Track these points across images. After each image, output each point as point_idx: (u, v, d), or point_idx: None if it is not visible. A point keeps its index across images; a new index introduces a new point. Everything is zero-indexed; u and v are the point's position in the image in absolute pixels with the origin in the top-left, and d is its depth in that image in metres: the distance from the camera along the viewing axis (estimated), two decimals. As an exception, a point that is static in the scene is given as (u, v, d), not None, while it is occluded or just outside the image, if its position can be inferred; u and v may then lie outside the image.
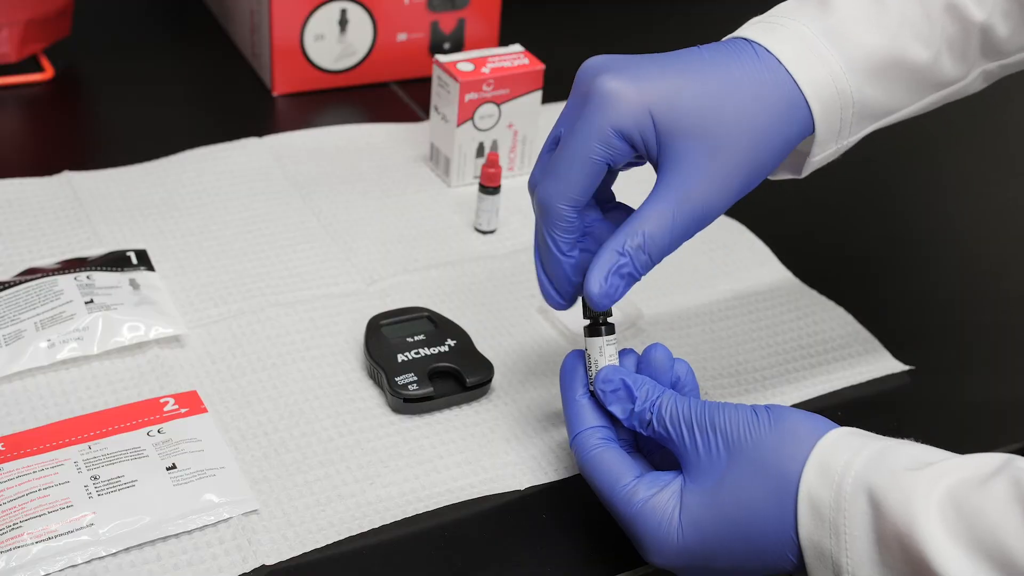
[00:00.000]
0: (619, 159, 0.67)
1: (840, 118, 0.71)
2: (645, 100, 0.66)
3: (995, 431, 0.82)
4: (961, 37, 0.73)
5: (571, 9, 1.32)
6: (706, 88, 0.67)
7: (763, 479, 0.62)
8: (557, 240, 0.68)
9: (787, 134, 0.69)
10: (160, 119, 1.06)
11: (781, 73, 0.68)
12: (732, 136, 0.67)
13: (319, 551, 0.68)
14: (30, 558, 0.64)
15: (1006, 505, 0.55)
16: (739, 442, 0.63)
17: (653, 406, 0.66)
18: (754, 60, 0.68)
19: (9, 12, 1.05)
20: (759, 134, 0.67)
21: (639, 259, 0.67)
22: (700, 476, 0.64)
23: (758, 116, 0.67)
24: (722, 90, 0.67)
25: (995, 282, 0.97)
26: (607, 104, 0.66)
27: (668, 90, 0.66)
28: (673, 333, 0.86)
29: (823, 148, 0.71)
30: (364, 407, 0.78)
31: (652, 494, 0.65)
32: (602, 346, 0.69)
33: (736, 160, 0.67)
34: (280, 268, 0.89)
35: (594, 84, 0.66)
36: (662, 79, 0.66)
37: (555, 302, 0.70)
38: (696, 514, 0.64)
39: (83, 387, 0.77)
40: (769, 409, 0.64)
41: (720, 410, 0.65)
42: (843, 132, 0.72)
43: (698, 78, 0.67)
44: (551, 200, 0.67)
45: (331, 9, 1.08)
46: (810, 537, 0.61)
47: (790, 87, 0.68)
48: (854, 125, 0.72)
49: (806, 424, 0.64)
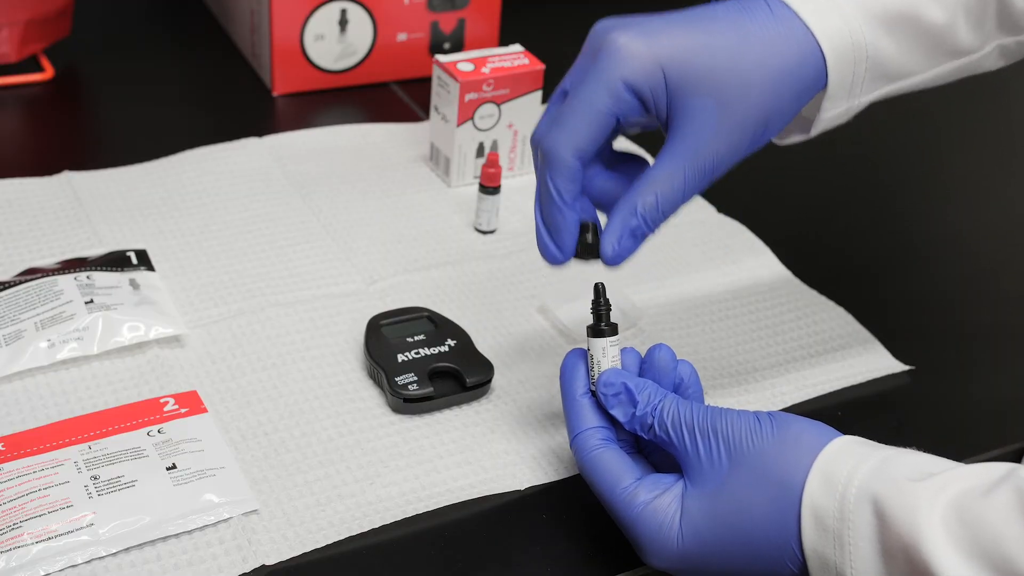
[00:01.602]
0: (627, 113, 0.67)
1: (853, 72, 0.70)
2: (656, 55, 0.66)
3: (995, 431, 0.82)
4: (978, 3, 0.73)
5: (571, 9, 1.32)
6: (717, 43, 0.67)
7: (764, 487, 0.62)
8: (561, 190, 0.67)
9: (798, 88, 0.68)
10: (160, 119, 1.06)
11: (796, 24, 0.68)
12: (743, 91, 0.67)
13: (319, 551, 0.68)
14: (30, 558, 0.64)
15: (1010, 514, 0.55)
16: (741, 449, 0.63)
17: (655, 410, 0.66)
18: (767, 14, 0.68)
19: (9, 12, 1.05)
20: (770, 88, 0.67)
21: (652, 218, 0.67)
22: (701, 481, 0.64)
23: (769, 70, 0.67)
24: (733, 45, 0.67)
25: (995, 282, 0.97)
26: (618, 57, 0.66)
27: (679, 46, 0.66)
28: (673, 333, 0.86)
29: (834, 104, 0.71)
30: (364, 407, 0.78)
31: (653, 497, 0.65)
32: (605, 347, 0.69)
33: (746, 115, 0.67)
34: (280, 268, 0.89)
35: (605, 40, 0.66)
36: (673, 36, 0.67)
37: (552, 255, 0.69)
38: (696, 519, 0.64)
39: (83, 387, 0.77)
40: (772, 416, 0.64)
41: (722, 416, 0.64)
42: (855, 89, 0.71)
43: (709, 34, 0.67)
44: (557, 149, 0.67)
45: (331, 9, 1.08)
46: (814, 547, 0.61)
47: (805, 38, 0.68)
48: (867, 83, 0.72)
49: (810, 432, 0.63)
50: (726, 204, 1.00)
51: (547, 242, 0.69)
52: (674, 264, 0.93)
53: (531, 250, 0.93)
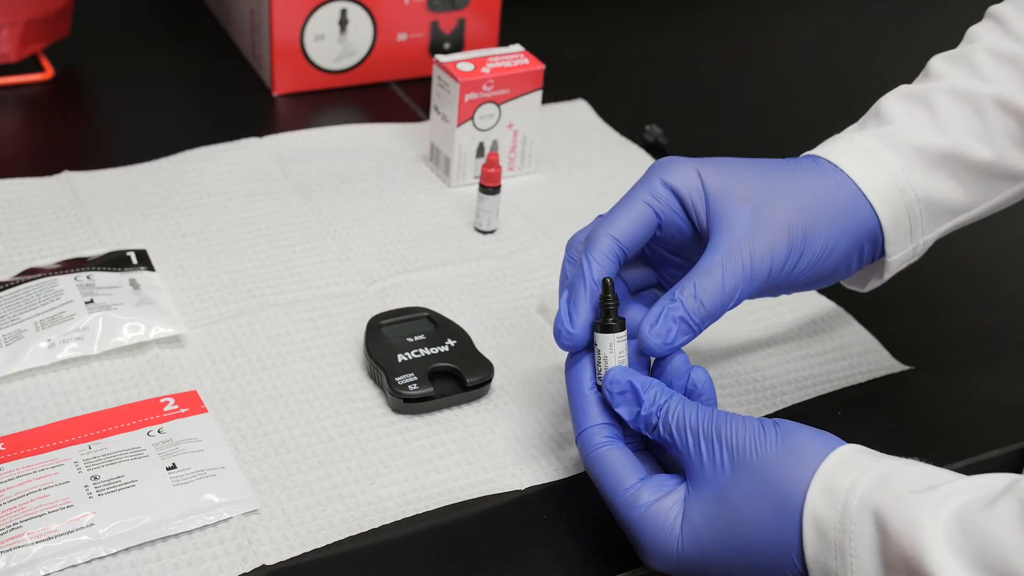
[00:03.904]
0: (666, 211, 0.71)
1: (908, 216, 0.74)
2: (696, 166, 0.71)
3: (995, 431, 0.82)
4: (1021, 130, 0.76)
5: (571, 9, 1.32)
6: (756, 167, 0.73)
7: (766, 496, 0.62)
8: (592, 263, 0.69)
9: (851, 230, 0.73)
10: (160, 119, 1.06)
11: (839, 175, 0.73)
12: (778, 199, 0.71)
13: (319, 551, 0.68)
14: (30, 558, 0.64)
15: (1012, 526, 0.55)
16: (744, 457, 0.63)
17: (660, 410, 0.66)
18: (815, 168, 0.74)
19: (9, 12, 1.05)
20: (806, 205, 0.71)
21: (690, 304, 0.68)
22: (703, 486, 0.64)
23: (807, 190, 0.72)
24: (772, 170, 0.73)
25: (995, 282, 0.97)
26: (659, 165, 0.72)
27: (719, 163, 0.72)
28: (673, 333, 0.86)
29: (897, 248, 0.75)
30: (364, 407, 0.78)
31: (655, 500, 0.65)
32: (612, 343, 0.68)
33: (781, 219, 0.70)
34: (280, 268, 0.89)
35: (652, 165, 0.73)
36: (715, 160, 0.72)
37: (565, 330, 0.69)
38: (697, 525, 0.63)
39: (83, 387, 0.77)
40: (778, 424, 0.64)
41: (727, 421, 0.64)
42: (916, 231, 0.75)
43: (750, 162, 0.73)
44: (597, 230, 0.70)
45: (331, 9, 1.08)
46: (816, 558, 0.61)
47: (848, 186, 0.73)
48: (927, 223, 0.76)
49: (814, 442, 0.63)
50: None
51: (564, 316, 0.69)
52: (674, 264, 0.93)
53: (531, 250, 0.93)
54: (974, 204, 0.77)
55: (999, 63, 0.76)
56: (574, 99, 1.14)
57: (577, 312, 0.68)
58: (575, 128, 1.10)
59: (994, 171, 0.76)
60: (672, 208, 0.71)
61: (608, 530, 0.70)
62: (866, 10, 1.39)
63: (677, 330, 0.68)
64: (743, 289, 0.69)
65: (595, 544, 0.70)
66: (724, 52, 1.28)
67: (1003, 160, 0.76)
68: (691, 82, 1.22)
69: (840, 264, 0.74)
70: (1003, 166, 0.76)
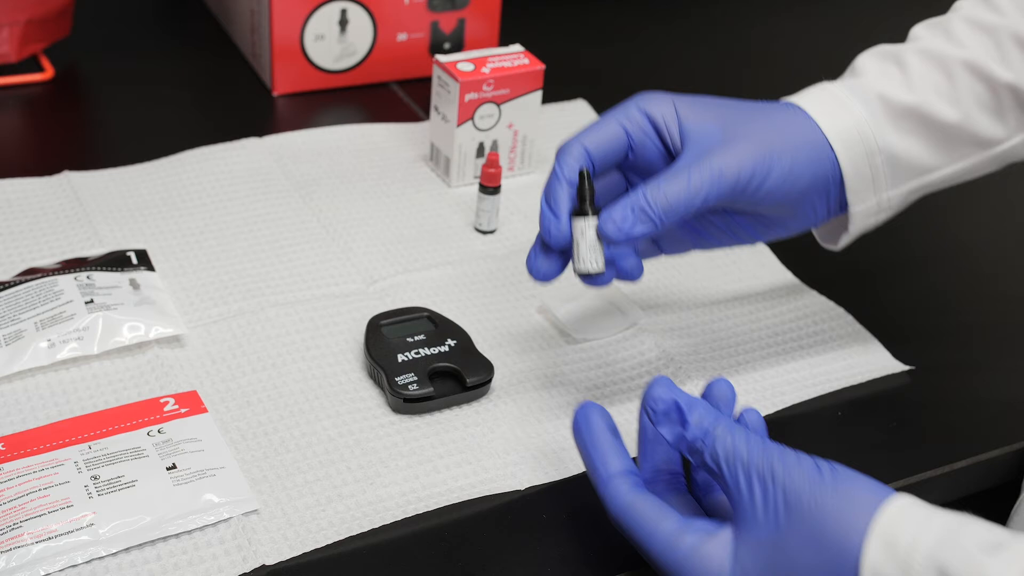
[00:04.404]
0: (637, 131, 0.73)
1: (869, 165, 0.75)
2: (671, 98, 0.74)
3: (995, 431, 0.82)
4: (991, 97, 0.77)
5: (571, 9, 1.32)
6: (728, 102, 0.75)
7: (823, 548, 0.59)
8: (563, 166, 0.72)
9: (816, 166, 0.74)
10: (160, 119, 1.06)
11: (805, 117, 0.75)
12: (746, 126, 0.73)
13: (319, 551, 0.68)
14: (30, 558, 0.64)
15: None
16: (799, 502, 0.59)
17: (707, 436, 0.62)
18: (782, 108, 0.76)
19: (9, 12, 1.05)
20: (775, 135, 0.74)
21: (652, 195, 0.70)
22: (754, 528, 0.60)
23: (776, 128, 0.74)
24: (741, 107, 0.75)
25: (995, 282, 0.97)
26: (638, 95, 0.75)
27: (694, 97, 0.75)
28: (673, 333, 0.86)
29: (860, 197, 0.77)
30: (364, 407, 0.78)
31: (701, 541, 0.61)
32: (583, 228, 0.70)
33: (750, 141, 0.73)
34: (280, 268, 0.89)
35: None
36: (690, 95, 0.75)
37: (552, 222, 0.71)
38: (748, 569, 0.60)
39: (83, 387, 0.77)
40: (833, 468, 0.60)
41: (782, 459, 0.60)
42: (878, 182, 0.76)
43: (723, 99, 0.76)
44: (569, 142, 0.73)
45: (331, 9, 1.08)
46: None
47: (813, 128, 0.75)
48: (890, 177, 0.76)
49: (869, 491, 0.59)
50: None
51: (547, 214, 0.72)
52: (674, 264, 0.93)
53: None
54: (938, 166, 0.78)
55: (975, 31, 0.78)
56: (574, 99, 1.14)
57: (558, 205, 0.71)
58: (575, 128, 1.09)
59: (960, 134, 0.77)
60: (644, 131, 0.73)
61: (608, 530, 0.70)
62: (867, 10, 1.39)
63: (635, 219, 0.70)
64: (708, 191, 0.71)
65: (595, 544, 0.70)
66: (724, 52, 1.28)
67: (969, 123, 0.77)
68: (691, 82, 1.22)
69: (807, 198, 0.75)
70: (969, 129, 0.77)
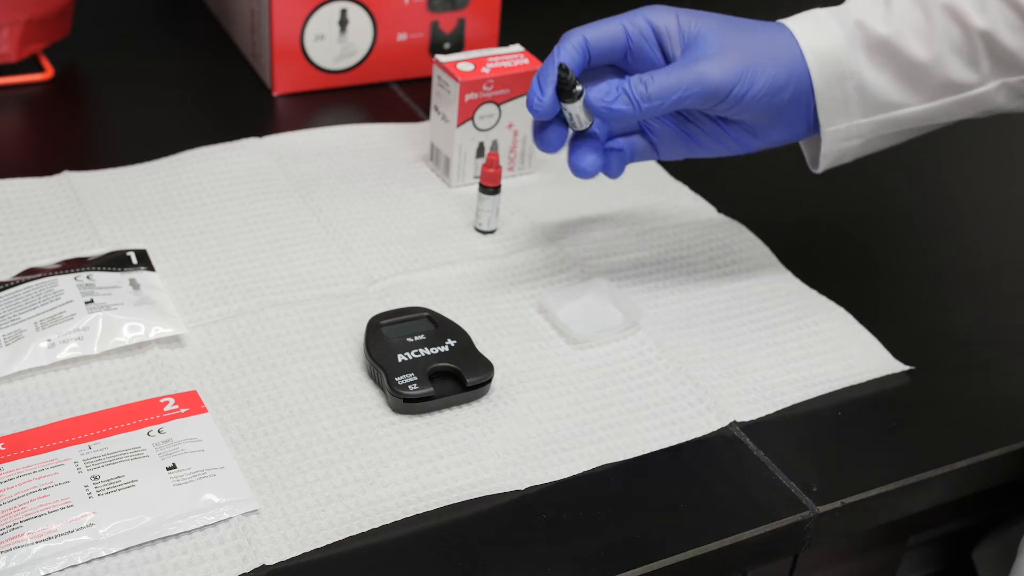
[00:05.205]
0: (637, 35, 0.79)
1: (841, 88, 0.80)
2: (676, 11, 0.80)
3: (995, 431, 0.82)
4: (965, 42, 0.80)
5: (571, 9, 1.32)
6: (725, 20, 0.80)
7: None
8: (560, 51, 0.78)
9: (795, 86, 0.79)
10: (160, 119, 1.06)
11: (788, 35, 0.80)
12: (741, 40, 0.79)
13: (319, 551, 0.68)
14: (30, 558, 0.64)
15: None
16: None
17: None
18: (772, 27, 0.81)
19: (9, 12, 1.05)
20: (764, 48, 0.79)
21: (637, 85, 0.76)
22: None
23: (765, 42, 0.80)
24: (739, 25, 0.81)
25: (995, 282, 0.97)
26: (644, 7, 0.80)
27: (697, 12, 0.80)
28: (673, 333, 0.86)
29: (831, 118, 0.81)
30: (364, 407, 0.78)
31: None
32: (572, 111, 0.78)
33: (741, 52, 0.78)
34: (280, 268, 0.89)
35: None
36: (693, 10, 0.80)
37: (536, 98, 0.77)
38: None
39: (83, 387, 0.77)
40: None
41: None
42: (850, 107, 0.80)
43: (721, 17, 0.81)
44: (571, 30, 0.79)
45: (331, 9, 1.08)
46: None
47: (794, 47, 0.80)
48: (861, 105, 0.80)
49: None
50: (726, 204, 1.00)
51: (535, 88, 0.78)
52: (674, 264, 0.93)
53: (531, 250, 0.93)
54: (906, 103, 0.81)
55: None
56: (574, 99, 1.14)
57: (546, 83, 0.77)
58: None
59: (930, 73, 0.80)
60: (644, 37, 0.79)
61: (608, 530, 0.70)
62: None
63: (617, 95, 0.76)
64: (685, 91, 0.77)
65: (595, 544, 0.70)
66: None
67: (940, 64, 0.80)
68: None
69: (786, 111, 0.80)
70: (939, 71, 0.80)
